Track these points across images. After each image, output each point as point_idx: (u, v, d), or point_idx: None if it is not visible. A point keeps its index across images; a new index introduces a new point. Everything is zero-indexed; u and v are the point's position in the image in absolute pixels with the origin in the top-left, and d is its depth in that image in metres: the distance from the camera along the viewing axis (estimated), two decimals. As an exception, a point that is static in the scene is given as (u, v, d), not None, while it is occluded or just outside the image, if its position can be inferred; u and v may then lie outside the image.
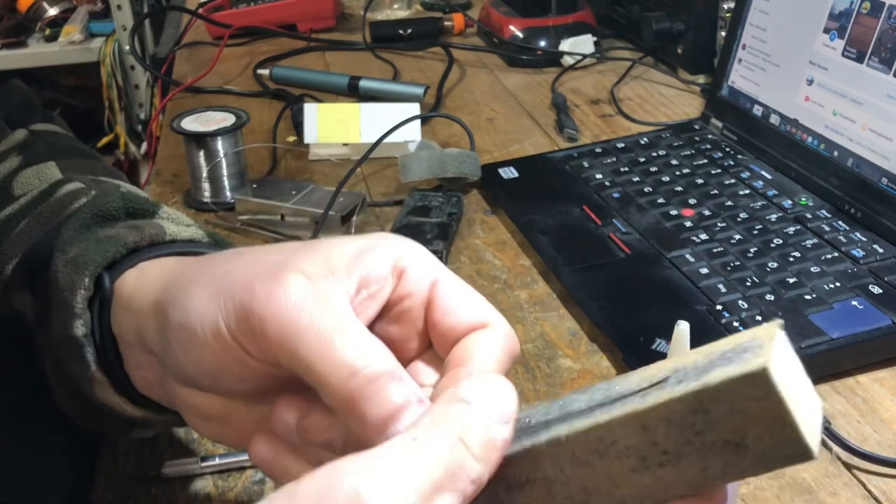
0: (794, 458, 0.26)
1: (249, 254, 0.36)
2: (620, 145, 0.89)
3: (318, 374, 0.31)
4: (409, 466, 0.27)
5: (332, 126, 0.91)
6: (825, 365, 0.58)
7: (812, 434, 0.26)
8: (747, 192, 0.77)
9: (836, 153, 0.76)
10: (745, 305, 0.62)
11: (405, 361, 0.36)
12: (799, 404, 0.26)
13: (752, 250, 0.68)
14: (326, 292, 0.33)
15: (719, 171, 0.82)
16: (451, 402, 0.30)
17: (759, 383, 0.25)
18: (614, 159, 0.86)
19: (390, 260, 0.35)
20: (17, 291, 0.46)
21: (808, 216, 0.72)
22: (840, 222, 0.71)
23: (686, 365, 0.28)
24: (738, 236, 0.71)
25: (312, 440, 0.35)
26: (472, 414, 0.29)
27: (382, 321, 0.36)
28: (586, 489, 0.29)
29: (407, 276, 0.35)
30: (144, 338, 0.38)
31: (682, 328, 0.45)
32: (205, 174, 0.81)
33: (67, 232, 0.43)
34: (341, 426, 0.34)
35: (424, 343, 0.37)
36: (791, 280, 0.64)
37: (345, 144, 0.91)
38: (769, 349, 0.26)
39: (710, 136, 0.89)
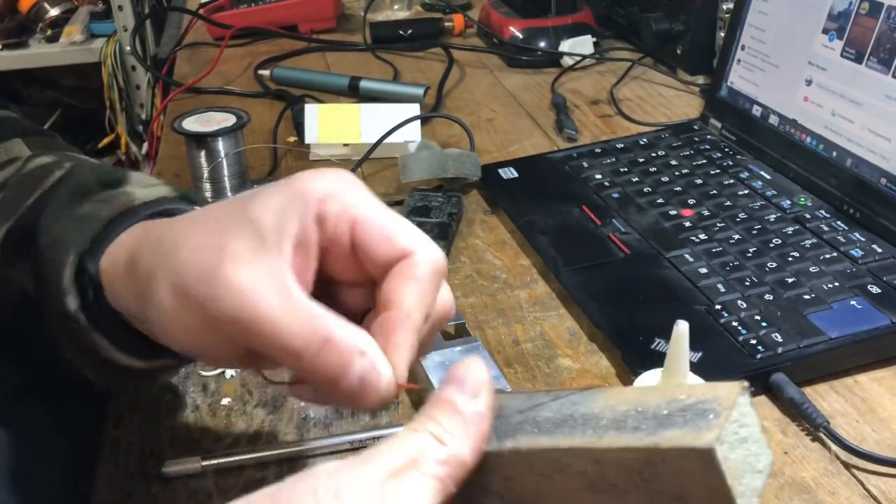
0: None
1: (192, 234, 0.38)
2: (620, 145, 0.89)
3: (274, 357, 0.36)
4: (369, 458, 0.30)
5: (333, 126, 0.91)
6: (824, 365, 0.58)
7: (751, 499, 0.28)
8: (746, 192, 0.78)
9: (835, 153, 0.76)
10: (744, 305, 0.62)
11: (348, 284, 0.40)
12: (742, 473, 0.28)
13: (751, 250, 0.69)
14: (262, 279, 0.36)
15: (718, 171, 0.82)
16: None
17: (705, 457, 0.27)
18: (614, 159, 0.86)
19: (313, 210, 0.37)
20: (11, 261, 0.48)
21: (807, 216, 0.73)
22: (839, 222, 0.71)
23: (648, 407, 0.30)
24: (737, 236, 0.71)
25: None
26: (444, 408, 0.32)
27: (321, 261, 0.39)
28: (540, 492, 0.32)
29: (327, 224, 0.38)
30: (132, 312, 0.42)
31: (682, 328, 0.46)
32: (206, 174, 0.81)
33: (49, 212, 0.45)
34: None
35: (362, 269, 0.39)
36: (790, 280, 0.64)
37: (345, 145, 0.91)
38: (723, 421, 0.28)
39: (709, 137, 0.89)
